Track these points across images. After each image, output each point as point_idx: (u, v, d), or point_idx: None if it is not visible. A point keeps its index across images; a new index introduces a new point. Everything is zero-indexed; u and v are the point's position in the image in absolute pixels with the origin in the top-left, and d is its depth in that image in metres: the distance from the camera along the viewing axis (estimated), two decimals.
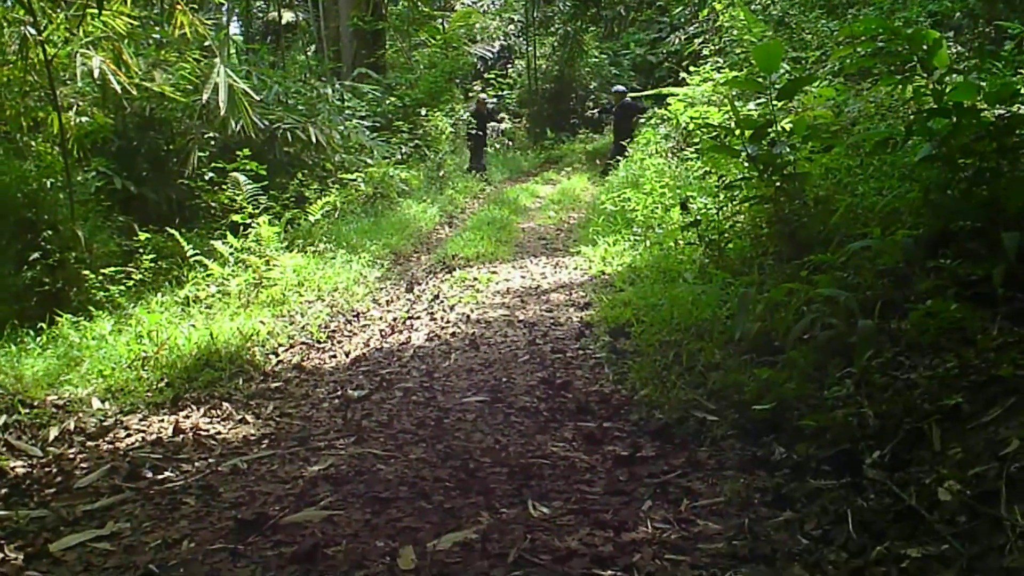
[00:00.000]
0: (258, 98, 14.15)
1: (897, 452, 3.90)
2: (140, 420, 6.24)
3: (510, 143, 20.12)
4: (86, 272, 9.88)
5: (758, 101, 10.53)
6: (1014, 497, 3.16)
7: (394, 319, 9.38)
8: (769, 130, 6.82)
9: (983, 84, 5.86)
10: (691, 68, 16.44)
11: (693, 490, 4.30)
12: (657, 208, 11.93)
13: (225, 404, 6.52)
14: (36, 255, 9.96)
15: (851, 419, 4.21)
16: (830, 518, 3.62)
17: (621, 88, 23.51)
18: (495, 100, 29.58)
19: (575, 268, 11.72)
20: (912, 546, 3.19)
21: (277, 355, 8.07)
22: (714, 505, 4.08)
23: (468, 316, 9.12)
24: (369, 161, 17.75)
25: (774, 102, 6.92)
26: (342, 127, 17.32)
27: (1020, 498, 3.14)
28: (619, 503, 4.21)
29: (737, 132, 7.14)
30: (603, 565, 3.49)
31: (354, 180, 16.47)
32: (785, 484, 4.08)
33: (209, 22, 12.43)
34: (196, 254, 10.67)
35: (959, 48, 11.42)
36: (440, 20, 31.98)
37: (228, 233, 11.33)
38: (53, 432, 5.83)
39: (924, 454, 3.78)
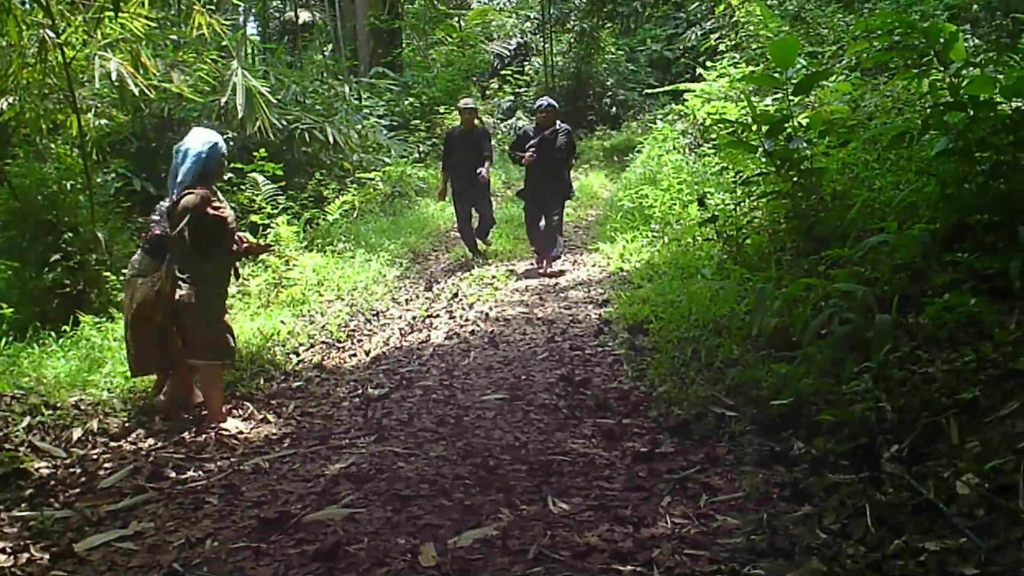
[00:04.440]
0: (275, 99, 14.19)
1: (915, 446, 3.91)
2: (162, 420, 6.28)
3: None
4: (107, 274, 9.93)
5: (775, 96, 10.51)
6: None
7: (413, 318, 9.41)
8: (786, 125, 6.81)
9: (1000, 77, 5.85)
10: (708, 64, 16.44)
11: (712, 485, 4.32)
12: (675, 204, 11.94)
13: (247, 403, 6.57)
14: (57, 257, 9.99)
15: (869, 413, 4.22)
16: (848, 512, 3.64)
17: (550, 102, 12.16)
18: (510, 101, 29.19)
19: (593, 265, 11.74)
20: (930, 539, 3.20)
21: (298, 354, 8.12)
22: (733, 500, 4.10)
23: (487, 314, 9.15)
24: (387, 160, 17.80)
25: (790, 97, 6.92)
26: (360, 126, 17.38)
27: None
28: (638, 499, 4.23)
29: (754, 127, 7.14)
30: (623, 560, 3.51)
31: (372, 179, 16.53)
32: (803, 479, 4.10)
33: (226, 22, 12.40)
34: None
35: (976, 41, 11.38)
36: (457, 18, 31.99)
37: (248, 233, 11.39)
38: (76, 433, 5.89)
39: (942, 448, 3.79)
